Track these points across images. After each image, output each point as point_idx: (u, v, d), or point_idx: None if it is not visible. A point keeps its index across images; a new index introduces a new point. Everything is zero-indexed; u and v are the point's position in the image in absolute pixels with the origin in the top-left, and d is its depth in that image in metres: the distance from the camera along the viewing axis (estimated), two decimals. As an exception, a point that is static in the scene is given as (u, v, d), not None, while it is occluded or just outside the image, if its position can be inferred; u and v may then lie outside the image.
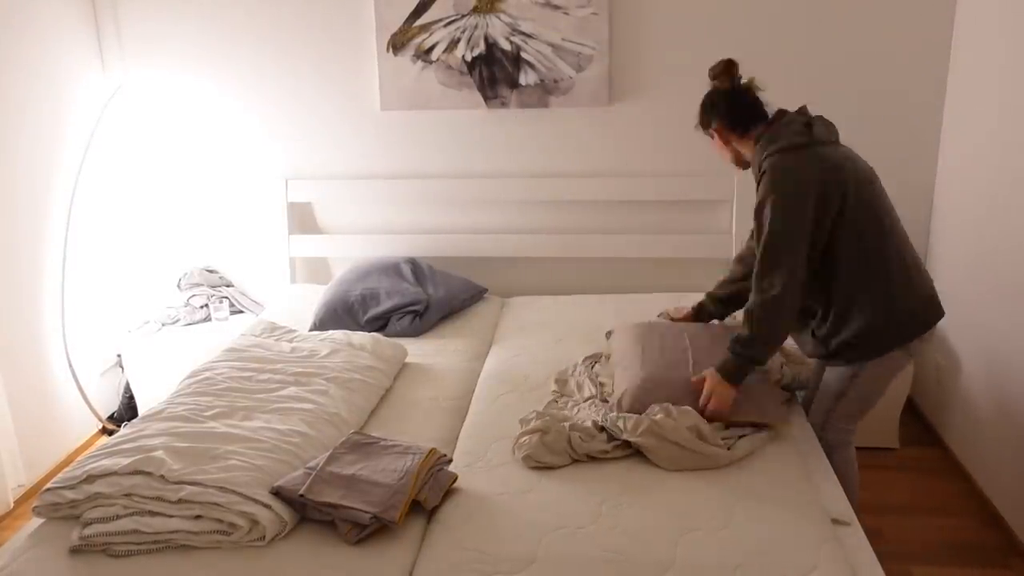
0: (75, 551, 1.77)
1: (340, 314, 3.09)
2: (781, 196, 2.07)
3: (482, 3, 3.30)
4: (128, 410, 3.56)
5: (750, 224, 2.22)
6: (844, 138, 3.32)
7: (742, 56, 3.28)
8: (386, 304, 3.10)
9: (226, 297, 3.66)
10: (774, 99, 3.29)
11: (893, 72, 3.23)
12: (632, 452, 2.12)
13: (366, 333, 2.85)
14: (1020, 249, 2.61)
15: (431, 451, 2.03)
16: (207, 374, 2.45)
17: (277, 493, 1.86)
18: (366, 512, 1.80)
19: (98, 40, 3.51)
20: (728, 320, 2.68)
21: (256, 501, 1.80)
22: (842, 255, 2.11)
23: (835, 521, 1.88)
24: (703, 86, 3.41)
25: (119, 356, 3.62)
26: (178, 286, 3.69)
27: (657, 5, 3.27)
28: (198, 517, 1.79)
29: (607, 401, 2.40)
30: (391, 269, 3.30)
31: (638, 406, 2.21)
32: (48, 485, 1.89)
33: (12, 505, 2.95)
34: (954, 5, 3.12)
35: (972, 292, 2.99)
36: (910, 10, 3.15)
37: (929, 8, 3.15)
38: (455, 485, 2.01)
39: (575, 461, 2.11)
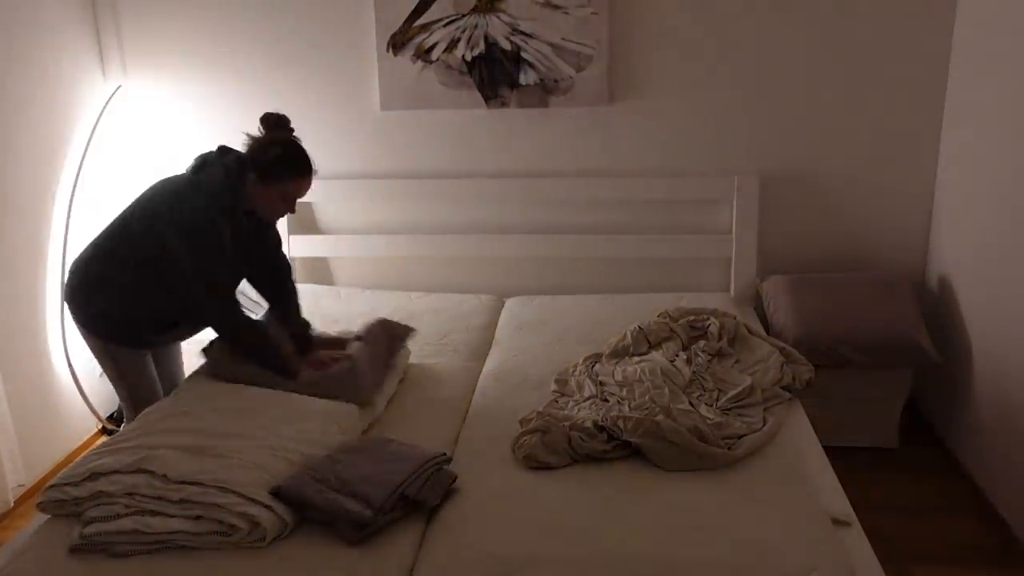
0: (75, 550, 1.77)
1: None
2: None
3: (482, 3, 3.30)
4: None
5: (750, 224, 2.20)
6: (844, 137, 3.36)
7: (742, 56, 3.33)
8: None
9: (226, 297, 3.65)
10: (774, 97, 3.33)
11: (893, 72, 3.22)
12: (632, 452, 2.12)
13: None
14: (1020, 248, 2.61)
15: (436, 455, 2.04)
16: (208, 374, 2.44)
17: (277, 493, 1.86)
18: (366, 512, 1.80)
19: (98, 41, 3.50)
20: None
21: (257, 502, 1.80)
22: None
23: (835, 521, 1.88)
24: (703, 86, 3.45)
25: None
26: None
27: (657, 5, 3.27)
28: (199, 518, 1.79)
29: (607, 401, 2.40)
30: None
31: None
32: (52, 481, 1.89)
33: (12, 505, 2.94)
34: (955, 4, 3.12)
35: (972, 292, 2.99)
36: (911, 9, 3.15)
37: (930, 6, 3.15)
38: (455, 485, 2.01)
39: (575, 461, 2.11)
